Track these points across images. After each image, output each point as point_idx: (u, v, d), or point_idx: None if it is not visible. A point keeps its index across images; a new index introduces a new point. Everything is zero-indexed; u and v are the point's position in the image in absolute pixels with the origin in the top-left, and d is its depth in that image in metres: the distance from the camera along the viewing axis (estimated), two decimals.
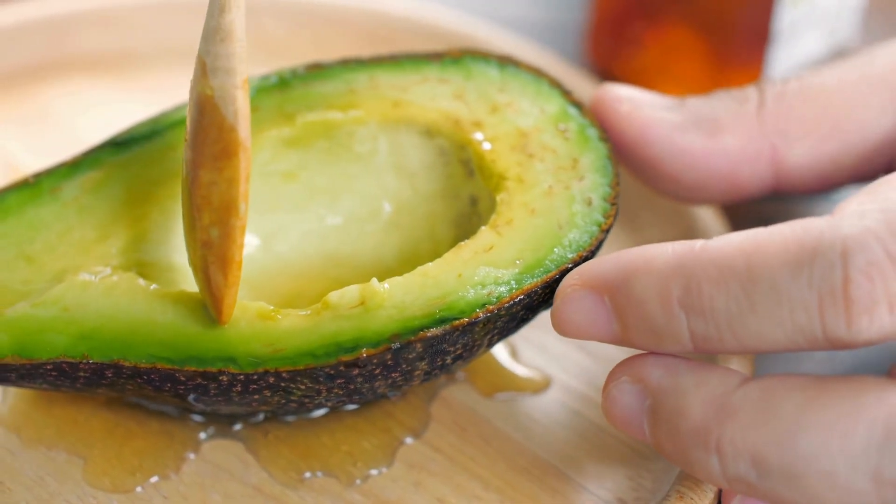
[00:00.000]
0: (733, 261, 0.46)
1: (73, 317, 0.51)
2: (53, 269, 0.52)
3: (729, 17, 0.65)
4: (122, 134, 0.55)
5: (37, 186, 0.54)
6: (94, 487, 0.52)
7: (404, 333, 0.49)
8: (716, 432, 0.46)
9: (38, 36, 0.68)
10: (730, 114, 0.54)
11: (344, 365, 0.49)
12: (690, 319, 0.47)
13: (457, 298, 0.50)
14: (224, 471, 0.53)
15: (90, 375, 0.50)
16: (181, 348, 0.50)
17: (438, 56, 0.57)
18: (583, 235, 0.52)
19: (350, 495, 0.52)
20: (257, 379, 0.49)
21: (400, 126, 0.55)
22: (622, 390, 0.49)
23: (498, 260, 0.51)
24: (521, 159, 0.54)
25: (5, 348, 0.50)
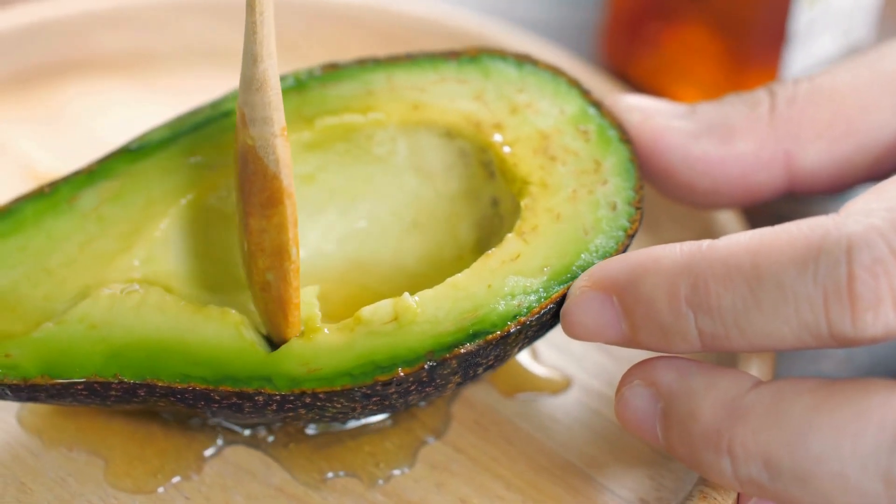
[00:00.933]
0: (740, 259, 0.46)
1: (102, 335, 0.50)
2: (75, 283, 0.51)
3: (745, 17, 0.65)
4: (137, 140, 0.54)
5: (53, 196, 0.53)
6: (116, 488, 0.52)
7: (439, 350, 0.49)
8: (727, 435, 0.47)
9: (55, 36, 0.68)
10: (742, 119, 0.54)
11: (381, 384, 0.49)
12: (698, 318, 0.47)
13: (488, 311, 0.50)
14: (246, 472, 0.53)
15: (122, 394, 0.50)
16: (216, 367, 0.50)
17: (455, 55, 0.56)
18: (609, 241, 0.52)
19: (372, 496, 0.52)
20: (294, 399, 0.49)
21: (420, 128, 0.55)
22: (634, 394, 0.49)
23: (525, 268, 0.51)
24: (543, 162, 0.54)
25: (33, 369, 0.50)
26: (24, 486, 0.52)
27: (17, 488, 0.52)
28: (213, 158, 0.54)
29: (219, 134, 0.54)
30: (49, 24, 0.67)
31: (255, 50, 0.50)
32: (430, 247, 0.56)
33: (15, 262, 0.52)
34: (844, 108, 0.54)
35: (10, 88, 0.67)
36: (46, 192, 0.53)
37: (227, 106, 0.55)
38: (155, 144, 0.54)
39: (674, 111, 0.55)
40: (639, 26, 0.69)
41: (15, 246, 0.52)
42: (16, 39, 0.67)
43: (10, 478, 0.52)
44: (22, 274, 0.51)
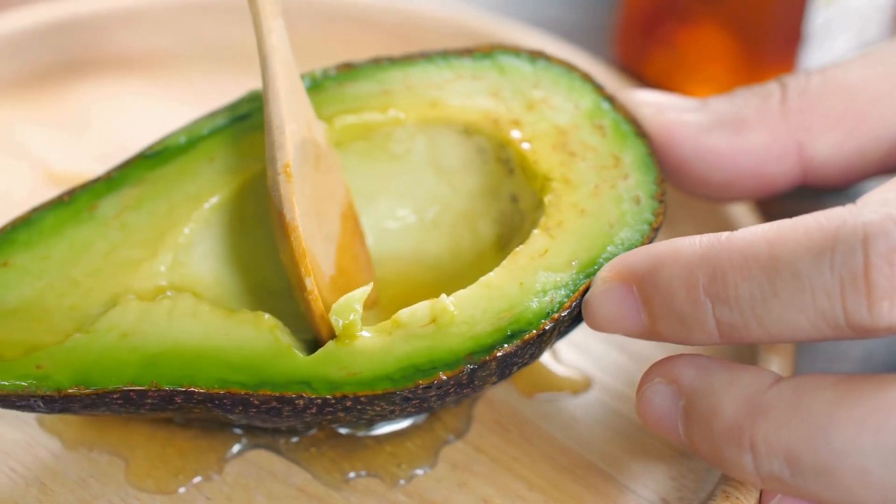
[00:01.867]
0: (757, 249, 0.47)
1: (135, 343, 0.50)
2: (102, 291, 0.51)
3: (761, 17, 0.65)
4: (154, 146, 0.54)
5: (73, 205, 0.53)
6: (137, 489, 0.52)
7: (479, 352, 0.49)
8: (749, 431, 0.47)
9: (70, 36, 0.68)
10: (754, 111, 0.55)
11: (422, 388, 0.49)
12: (716, 307, 0.47)
13: (523, 310, 0.50)
14: (267, 472, 0.53)
15: (158, 402, 0.50)
16: (254, 372, 0.49)
17: (469, 52, 0.56)
18: (634, 234, 0.52)
19: (394, 496, 0.52)
20: (335, 403, 0.49)
21: (438, 126, 0.55)
22: (656, 391, 0.50)
23: (554, 263, 0.51)
24: (563, 158, 0.54)
25: (66, 380, 0.49)
26: (45, 486, 0.52)
27: (38, 489, 0.52)
28: (233, 161, 0.54)
29: (238, 136, 0.54)
30: (64, 24, 0.67)
31: (264, 94, 0.52)
32: (449, 244, 0.56)
33: (38, 272, 0.51)
34: (857, 100, 0.54)
35: (26, 88, 0.67)
36: (66, 201, 0.53)
37: (245, 108, 0.55)
38: (173, 149, 0.54)
39: (685, 105, 0.55)
40: (653, 26, 0.69)
41: (37, 256, 0.52)
42: (31, 39, 0.67)
43: (32, 479, 0.52)
44: (46, 284, 0.51)
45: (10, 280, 0.51)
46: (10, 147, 0.65)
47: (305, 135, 0.52)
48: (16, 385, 0.49)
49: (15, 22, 0.67)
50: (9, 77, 0.67)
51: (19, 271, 0.51)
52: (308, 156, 0.52)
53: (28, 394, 0.49)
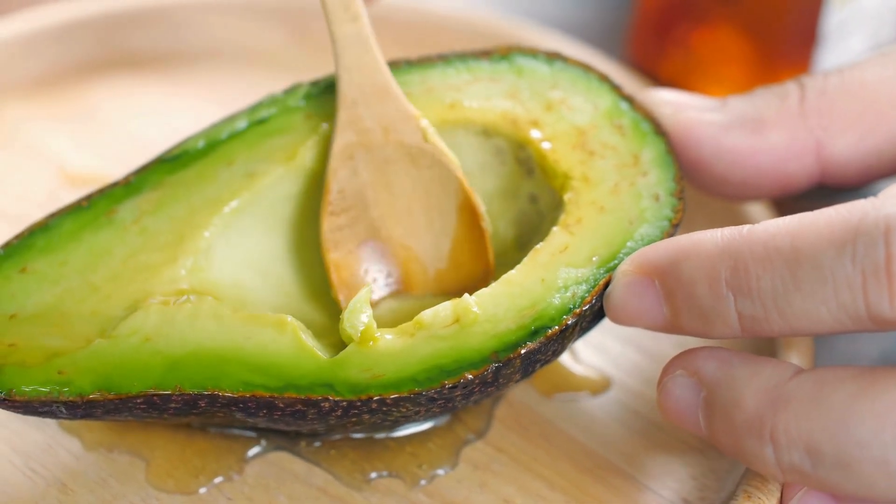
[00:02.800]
0: (779, 241, 0.47)
1: (157, 347, 0.50)
2: (122, 297, 0.51)
3: (776, 18, 0.65)
4: (173, 150, 0.54)
5: (91, 210, 0.52)
6: (158, 489, 0.52)
7: (503, 350, 0.49)
8: (770, 422, 0.47)
9: (86, 35, 0.68)
10: (773, 110, 0.55)
11: (448, 388, 0.49)
12: (738, 300, 0.47)
13: (546, 306, 0.50)
14: (288, 472, 0.53)
15: (182, 406, 0.50)
16: (278, 375, 0.49)
17: (487, 54, 0.56)
18: (653, 230, 0.52)
19: (415, 496, 0.52)
20: (360, 405, 0.49)
21: (457, 127, 0.55)
22: (677, 383, 0.50)
23: (574, 259, 0.51)
24: (582, 157, 0.54)
25: (89, 385, 0.49)
26: (65, 486, 0.52)
27: (58, 489, 0.52)
28: (252, 165, 0.54)
29: (257, 140, 0.54)
30: (79, 23, 0.67)
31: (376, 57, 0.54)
32: None
33: (57, 277, 0.51)
34: (875, 100, 0.55)
35: (42, 88, 0.67)
36: (84, 206, 0.52)
37: (263, 112, 0.55)
38: (192, 154, 0.54)
39: (705, 104, 0.56)
40: (668, 27, 0.69)
41: (56, 261, 0.51)
42: (47, 39, 0.67)
43: (52, 479, 0.52)
44: (65, 290, 0.51)
45: (28, 286, 0.51)
46: (27, 147, 0.65)
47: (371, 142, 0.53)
48: (38, 391, 0.49)
49: (31, 22, 0.67)
50: (25, 77, 0.67)
51: (38, 277, 0.51)
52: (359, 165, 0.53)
53: (50, 399, 0.49)
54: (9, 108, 0.67)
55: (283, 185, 0.54)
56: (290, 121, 0.54)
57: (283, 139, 0.54)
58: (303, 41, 0.69)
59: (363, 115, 0.54)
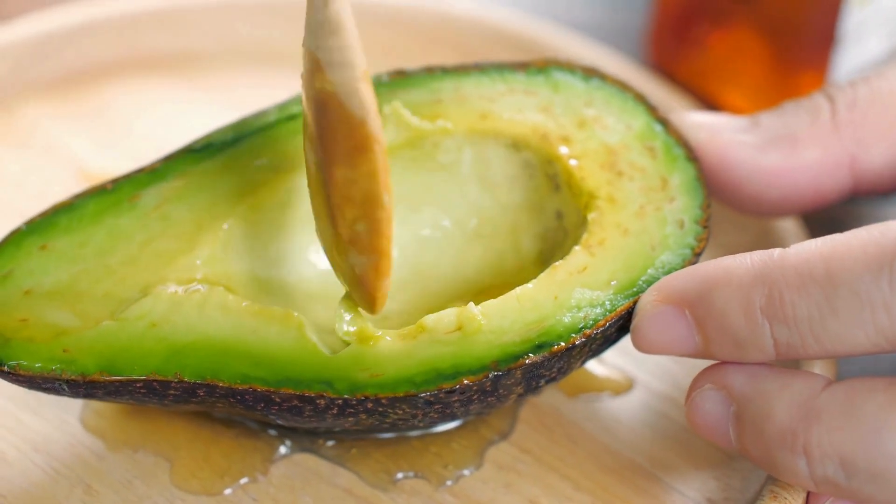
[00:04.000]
0: (813, 267, 0.47)
1: (162, 333, 0.50)
2: (136, 280, 0.51)
3: (795, 19, 0.65)
4: (201, 141, 0.54)
5: (115, 193, 0.52)
6: (183, 490, 0.52)
7: (504, 360, 0.49)
8: (802, 435, 0.47)
9: (103, 35, 0.68)
10: (805, 127, 0.55)
11: (444, 392, 0.48)
12: (774, 327, 0.47)
13: (554, 323, 0.50)
14: (313, 473, 0.53)
15: (181, 394, 0.50)
16: (276, 369, 0.49)
17: (524, 66, 0.56)
18: (675, 258, 0.52)
19: (441, 496, 0.52)
20: (356, 404, 0.49)
21: (487, 138, 0.55)
22: (706, 398, 0.50)
23: (592, 281, 0.51)
24: (610, 178, 0.54)
25: (92, 366, 0.49)
26: (90, 487, 0.52)
27: (83, 490, 0.52)
28: (278, 160, 0.54)
29: (285, 136, 0.54)
30: (97, 23, 0.67)
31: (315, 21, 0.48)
32: (491, 257, 0.56)
33: (75, 257, 0.51)
34: None
35: (60, 87, 0.67)
36: (109, 189, 0.53)
37: (294, 109, 0.55)
38: (219, 145, 0.54)
39: (738, 125, 0.56)
40: (686, 28, 0.69)
41: (76, 241, 0.52)
42: (65, 38, 0.67)
43: (76, 480, 0.52)
44: (82, 270, 0.51)
45: (47, 264, 0.51)
46: (45, 147, 0.65)
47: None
48: (42, 367, 0.49)
49: (48, 22, 0.67)
50: (42, 77, 0.67)
51: (57, 255, 0.51)
52: None
53: (53, 377, 0.49)
54: (27, 108, 0.66)
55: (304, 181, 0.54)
56: None
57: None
58: None
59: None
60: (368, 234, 0.48)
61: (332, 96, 0.47)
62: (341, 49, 0.47)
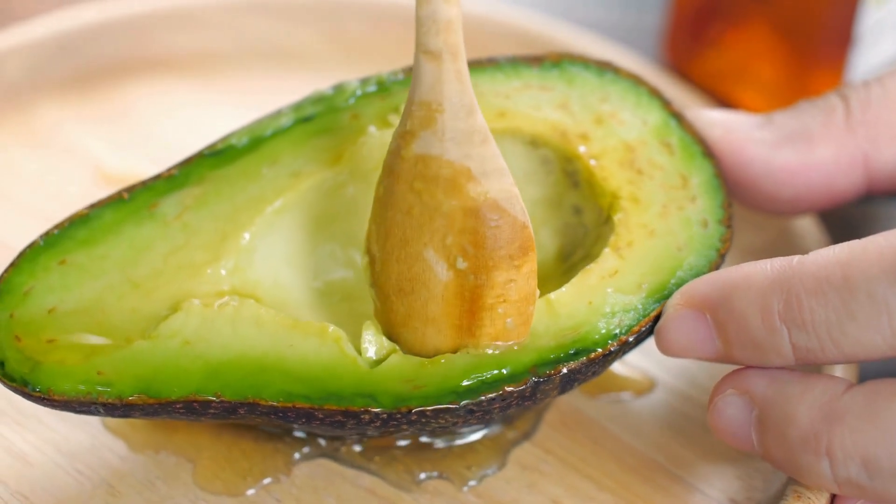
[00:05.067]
0: (830, 273, 0.47)
1: (197, 351, 0.49)
2: (163, 295, 0.50)
3: (812, 19, 0.65)
4: (216, 145, 0.53)
5: (132, 203, 0.51)
6: (206, 490, 0.52)
7: (543, 366, 0.49)
8: (825, 437, 0.47)
9: (119, 35, 0.68)
10: (819, 126, 0.55)
11: (486, 401, 0.49)
12: (792, 332, 0.48)
13: (590, 329, 0.50)
14: (336, 473, 0.53)
15: (220, 412, 0.49)
16: (318, 385, 0.49)
17: (538, 60, 0.56)
18: (701, 259, 0.52)
19: (465, 497, 0.52)
20: (400, 417, 0.48)
21: (505, 136, 0.55)
22: (728, 402, 0.50)
23: (624, 285, 0.51)
24: (631, 176, 0.54)
25: (129, 388, 0.49)
26: (112, 488, 0.52)
27: (105, 491, 0.52)
28: (296, 164, 0.53)
29: (302, 139, 0.53)
30: (113, 23, 0.67)
31: (469, 101, 0.49)
32: None
33: (98, 272, 0.50)
34: None
35: (75, 88, 0.67)
36: (125, 199, 0.52)
37: (309, 110, 0.54)
38: (236, 150, 0.53)
39: (752, 122, 0.56)
40: (702, 28, 0.69)
41: (96, 255, 0.51)
42: (80, 39, 0.67)
43: (98, 480, 0.52)
44: (106, 285, 0.50)
45: (68, 279, 0.50)
46: (62, 147, 0.65)
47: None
48: (77, 391, 0.49)
49: (64, 22, 0.67)
50: (58, 77, 0.67)
51: (78, 270, 0.50)
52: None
53: (90, 401, 0.49)
54: (44, 108, 0.66)
55: (327, 185, 0.53)
56: (337, 120, 0.54)
57: (328, 139, 0.53)
58: (335, 41, 0.69)
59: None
60: (518, 326, 0.50)
61: (493, 203, 0.49)
62: (494, 158, 0.49)
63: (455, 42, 0.49)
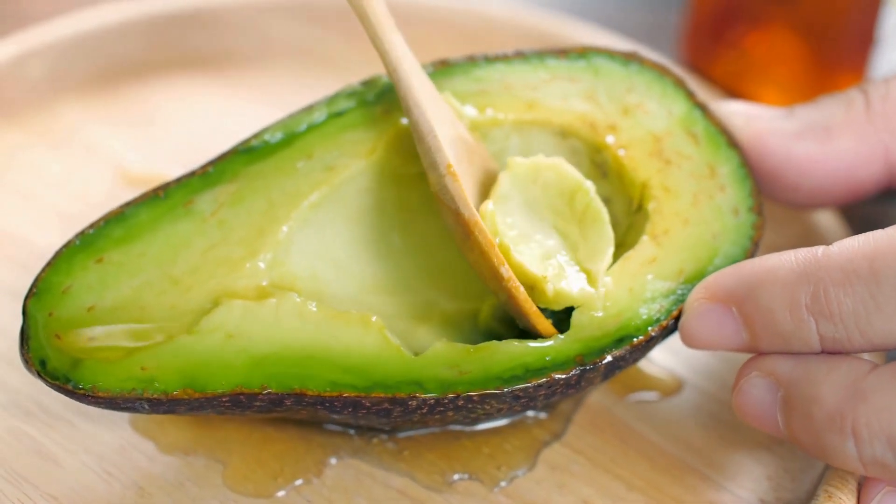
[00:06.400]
0: (857, 264, 0.47)
1: (241, 344, 0.49)
2: (202, 290, 0.50)
3: (832, 20, 0.65)
4: (249, 141, 0.53)
5: (168, 200, 0.51)
6: (237, 492, 0.52)
7: (589, 354, 0.49)
8: (850, 416, 0.47)
9: (141, 36, 0.67)
10: (840, 118, 0.55)
11: (533, 387, 0.49)
12: (819, 324, 0.48)
13: (632, 316, 0.51)
14: (366, 474, 0.53)
15: (267, 405, 0.49)
16: (365, 374, 0.49)
17: (564, 52, 0.56)
18: (735, 248, 0.53)
19: (495, 498, 0.52)
20: (447, 402, 0.49)
21: (534, 127, 0.55)
22: (753, 384, 0.50)
23: (662, 272, 0.52)
24: (659, 166, 0.54)
25: (174, 383, 0.48)
26: (142, 490, 0.52)
27: (135, 493, 0.52)
28: (331, 158, 0.53)
29: (335, 133, 0.54)
30: (135, 24, 0.67)
31: (404, 104, 0.52)
32: None
33: (135, 269, 0.50)
34: None
35: (98, 88, 0.67)
36: (161, 196, 0.51)
37: (341, 104, 0.54)
38: (269, 145, 0.53)
39: (774, 114, 0.56)
40: (722, 29, 0.69)
41: (134, 252, 0.51)
42: (102, 40, 0.67)
43: (128, 482, 0.52)
44: (144, 282, 0.50)
45: (106, 277, 0.50)
46: (85, 147, 0.65)
47: (454, 133, 0.52)
48: (122, 387, 0.48)
49: (85, 22, 0.66)
50: (80, 77, 0.67)
51: (115, 268, 0.50)
52: (461, 154, 0.52)
53: (134, 397, 0.48)
54: (66, 109, 0.66)
55: (361, 179, 0.54)
56: (369, 114, 0.54)
57: (361, 133, 0.54)
58: (357, 41, 0.68)
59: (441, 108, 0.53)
60: (508, 300, 0.51)
61: (437, 195, 0.52)
62: (427, 153, 0.52)
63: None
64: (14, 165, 0.64)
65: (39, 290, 0.49)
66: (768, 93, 0.68)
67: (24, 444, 0.53)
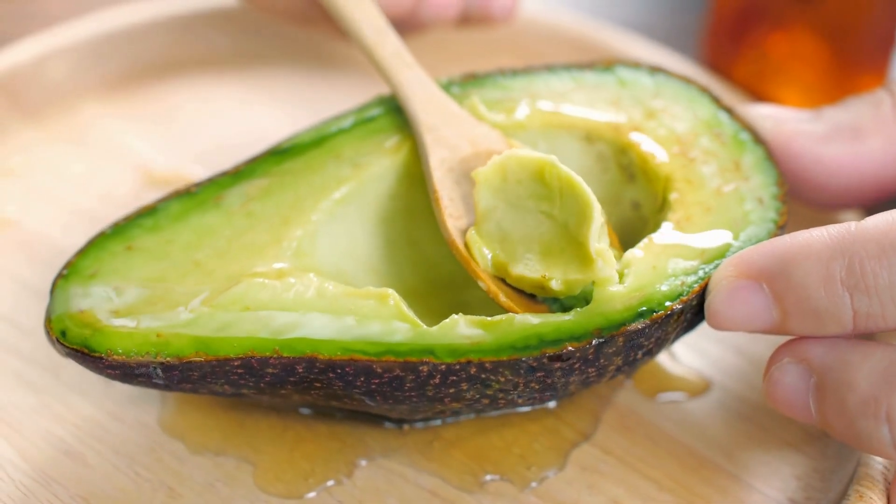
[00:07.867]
0: (892, 236, 0.47)
1: (257, 315, 0.50)
2: (224, 273, 0.51)
3: (853, 22, 0.65)
4: (284, 143, 0.55)
5: (199, 195, 0.53)
6: (267, 493, 0.52)
7: (607, 327, 0.49)
8: (885, 401, 0.47)
9: (163, 36, 0.67)
10: (868, 118, 0.55)
11: (548, 357, 0.49)
12: (854, 298, 0.47)
13: (654, 291, 0.50)
14: (397, 475, 0.53)
15: (279, 372, 0.49)
16: (377, 341, 0.49)
17: (590, 65, 0.58)
18: (760, 230, 0.53)
19: (526, 498, 0.52)
20: (459, 370, 0.49)
21: (560, 131, 0.56)
22: (785, 371, 0.50)
23: (685, 252, 0.52)
24: (684, 163, 0.55)
25: (188, 347, 0.49)
26: (172, 490, 0.52)
27: (165, 493, 0.51)
28: (359, 158, 0.54)
29: (364, 136, 0.55)
30: (157, 24, 0.67)
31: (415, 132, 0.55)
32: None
33: (162, 254, 0.52)
34: None
35: (120, 88, 0.67)
36: (193, 192, 0.53)
37: (372, 111, 0.56)
38: (301, 146, 0.54)
39: (802, 116, 0.56)
40: (743, 30, 0.69)
41: (162, 240, 0.52)
42: (125, 40, 0.67)
43: (158, 483, 0.52)
44: (170, 265, 0.51)
45: (133, 262, 0.51)
46: (107, 147, 0.65)
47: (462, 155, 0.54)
48: (136, 351, 0.49)
49: (108, 22, 0.67)
50: (102, 77, 0.67)
51: (143, 254, 0.52)
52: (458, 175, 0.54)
53: (147, 360, 0.49)
54: (89, 109, 0.66)
55: (387, 179, 0.55)
56: (397, 121, 0.56)
57: (389, 137, 0.55)
58: None
59: (447, 134, 0.54)
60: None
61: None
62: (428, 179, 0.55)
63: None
64: (37, 165, 0.64)
65: (69, 273, 0.51)
66: (789, 94, 0.68)
67: (54, 446, 0.53)
